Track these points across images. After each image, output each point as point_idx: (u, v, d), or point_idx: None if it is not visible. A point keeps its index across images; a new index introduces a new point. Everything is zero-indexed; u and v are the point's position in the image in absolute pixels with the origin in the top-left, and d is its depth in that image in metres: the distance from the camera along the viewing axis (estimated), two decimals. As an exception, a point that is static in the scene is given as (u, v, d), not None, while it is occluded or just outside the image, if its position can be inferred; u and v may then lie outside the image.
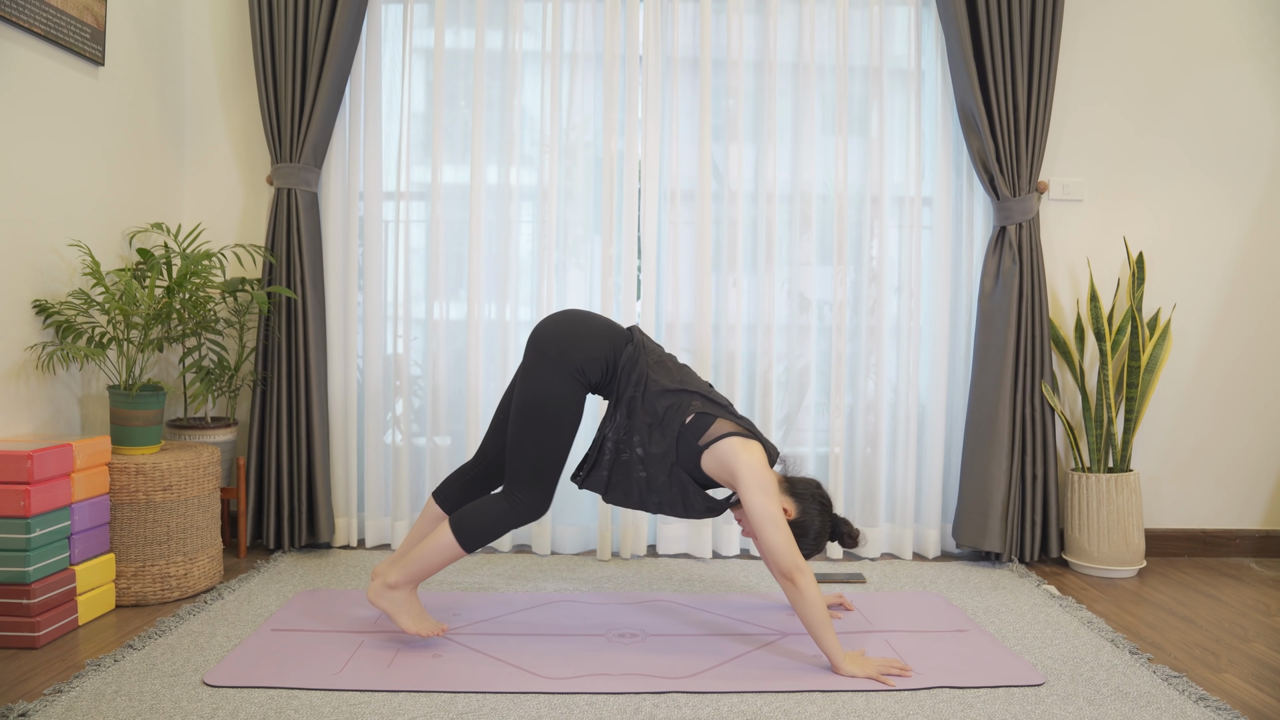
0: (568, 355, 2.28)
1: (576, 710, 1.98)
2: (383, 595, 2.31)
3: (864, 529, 3.29)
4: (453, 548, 2.28)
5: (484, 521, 2.29)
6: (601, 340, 2.32)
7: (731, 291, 3.26)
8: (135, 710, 1.94)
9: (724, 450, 2.23)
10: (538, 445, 2.28)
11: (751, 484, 2.19)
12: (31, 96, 2.61)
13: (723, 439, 2.24)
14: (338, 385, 3.25)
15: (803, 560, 2.18)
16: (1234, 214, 3.40)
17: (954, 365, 3.35)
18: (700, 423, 2.26)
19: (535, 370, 2.29)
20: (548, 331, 2.34)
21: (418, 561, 2.30)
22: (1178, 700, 2.08)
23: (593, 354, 2.30)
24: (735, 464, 2.21)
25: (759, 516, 2.18)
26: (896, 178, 3.32)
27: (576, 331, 2.32)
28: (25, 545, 2.27)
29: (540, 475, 2.29)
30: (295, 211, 3.14)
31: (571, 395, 2.28)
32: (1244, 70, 3.37)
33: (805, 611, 2.16)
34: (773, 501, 2.19)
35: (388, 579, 2.31)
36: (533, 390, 2.28)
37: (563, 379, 2.27)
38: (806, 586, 2.15)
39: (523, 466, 2.29)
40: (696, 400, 2.29)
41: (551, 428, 2.27)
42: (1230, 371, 3.42)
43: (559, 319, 2.37)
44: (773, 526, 2.17)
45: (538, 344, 2.32)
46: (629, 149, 3.23)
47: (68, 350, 2.57)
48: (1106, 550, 3.10)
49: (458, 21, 3.29)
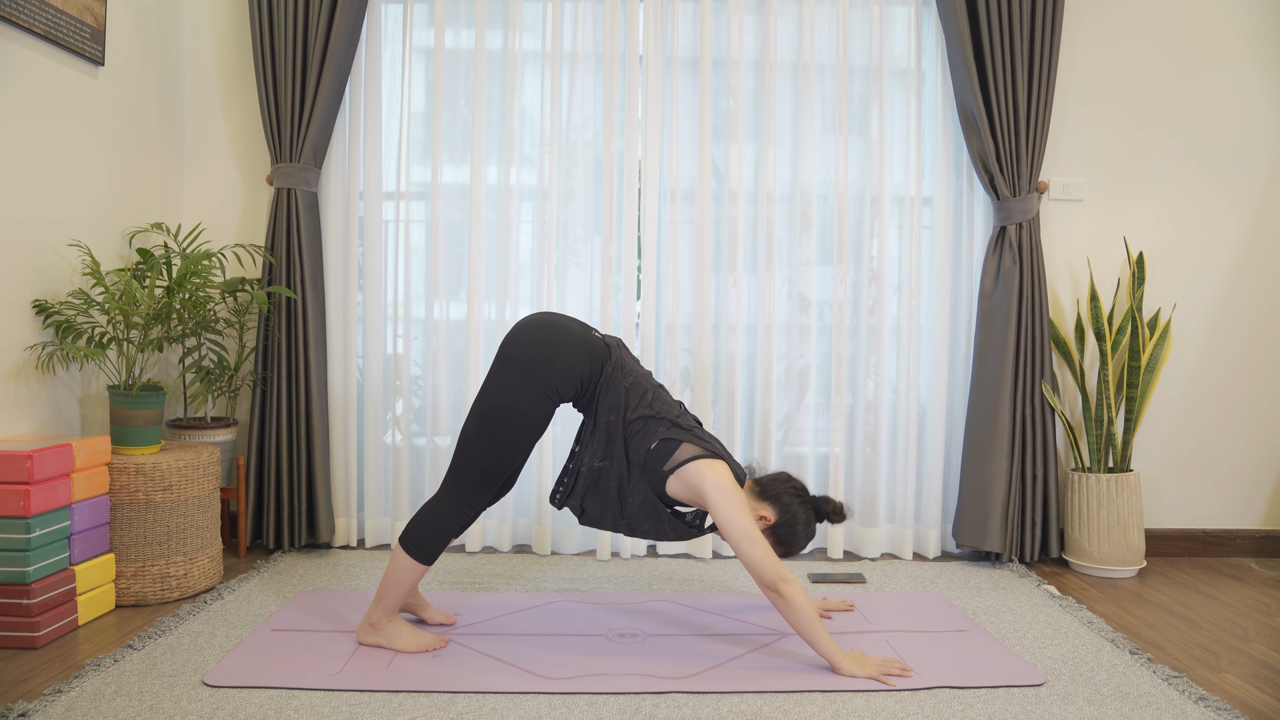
0: (542, 373, 2.23)
1: (576, 710, 1.98)
2: (368, 633, 2.33)
3: (864, 529, 3.29)
4: (412, 566, 2.27)
5: (433, 530, 2.26)
6: (578, 359, 2.26)
7: (731, 291, 3.26)
8: (135, 710, 1.94)
9: (689, 473, 2.21)
10: (493, 452, 2.24)
11: (721, 503, 2.18)
12: (31, 96, 2.61)
13: (687, 463, 2.22)
14: (337, 385, 3.25)
15: (785, 570, 2.17)
16: (1234, 214, 3.40)
17: (954, 365, 3.35)
18: (665, 448, 2.24)
19: (505, 378, 2.24)
20: (524, 340, 2.27)
21: (387, 593, 2.30)
22: (1178, 700, 2.07)
23: (568, 373, 2.25)
24: (702, 485, 2.19)
25: (734, 533, 2.17)
26: (896, 178, 3.32)
27: (553, 348, 2.25)
28: (25, 545, 2.27)
29: (488, 478, 2.26)
30: (295, 211, 3.14)
31: (539, 409, 2.25)
32: (1244, 70, 3.37)
33: (795, 619, 2.17)
34: (745, 517, 2.18)
35: (370, 619, 2.32)
36: (500, 397, 2.23)
37: (534, 393, 2.23)
38: (792, 595, 2.15)
39: (471, 469, 2.25)
40: (663, 425, 2.27)
41: (512, 438, 2.24)
42: (1230, 371, 3.42)
43: (537, 329, 2.29)
44: (749, 542, 2.16)
45: (512, 352, 2.26)
46: (629, 149, 3.23)
47: (68, 350, 2.57)
48: (1106, 550, 3.10)
49: (458, 21, 3.29)
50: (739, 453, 3.28)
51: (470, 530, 3.22)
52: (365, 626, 2.33)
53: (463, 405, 3.29)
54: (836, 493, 3.26)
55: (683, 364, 3.28)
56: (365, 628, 2.33)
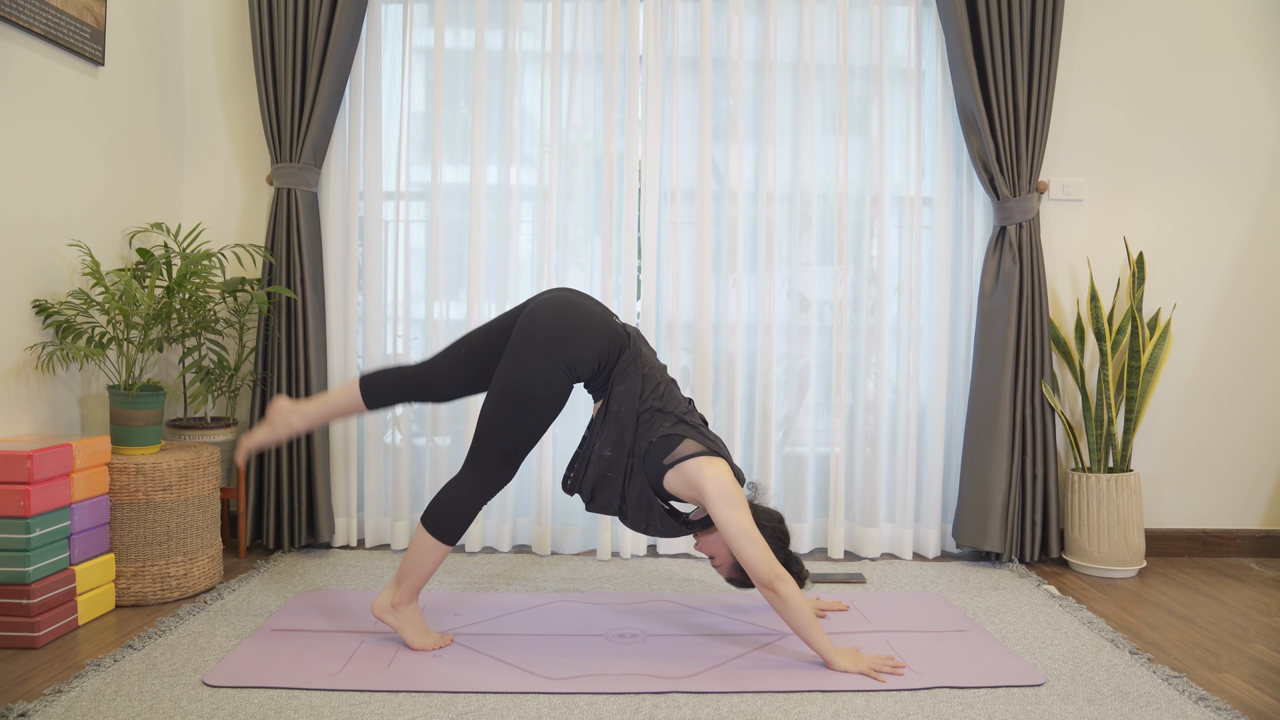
0: (560, 351, 2.24)
1: (576, 710, 1.98)
2: (386, 612, 2.33)
3: (864, 529, 3.29)
4: (436, 547, 2.28)
5: (456, 510, 2.28)
6: (598, 341, 2.27)
7: (731, 291, 3.26)
8: (135, 710, 1.94)
9: (689, 469, 2.21)
10: (514, 431, 2.25)
11: (720, 500, 2.18)
12: (31, 96, 2.61)
13: (688, 459, 2.23)
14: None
15: (781, 568, 2.17)
16: (1234, 214, 3.40)
17: (954, 365, 3.35)
18: (667, 443, 2.25)
19: (523, 356, 2.25)
20: (542, 318, 2.27)
21: (409, 574, 2.30)
22: (1178, 700, 2.07)
23: (586, 354, 2.26)
24: (701, 481, 2.19)
25: (733, 531, 2.17)
26: (896, 178, 3.32)
27: (572, 328, 2.26)
28: (25, 545, 2.27)
29: (510, 457, 2.28)
30: (295, 211, 3.14)
31: (557, 387, 2.26)
32: (1244, 70, 3.37)
33: (791, 616, 2.18)
34: (744, 515, 2.19)
35: (392, 598, 2.32)
36: (519, 375, 2.24)
37: (552, 371, 2.24)
38: (788, 593, 2.16)
39: (493, 448, 2.26)
40: (669, 420, 2.28)
41: (533, 415, 2.25)
42: (1230, 371, 3.42)
43: (557, 307, 2.29)
44: (748, 540, 2.17)
45: (530, 329, 2.26)
46: (629, 149, 3.23)
47: (68, 350, 2.57)
48: (1106, 550, 3.10)
49: (458, 21, 3.29)
50: (739, 452, 3.28)
51: (470, 530, 3.22)
52: (385, 605, 2.33)
53: (462, 405, 3.29)
54: (836, 492, 3.26)
55: (683, 364, 3.28)
56: (385, 606, 2.33)
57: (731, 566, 2.37)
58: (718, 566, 2.39)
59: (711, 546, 2.37)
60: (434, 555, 2.29)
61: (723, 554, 2.36)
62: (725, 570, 2.39)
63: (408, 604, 2.33)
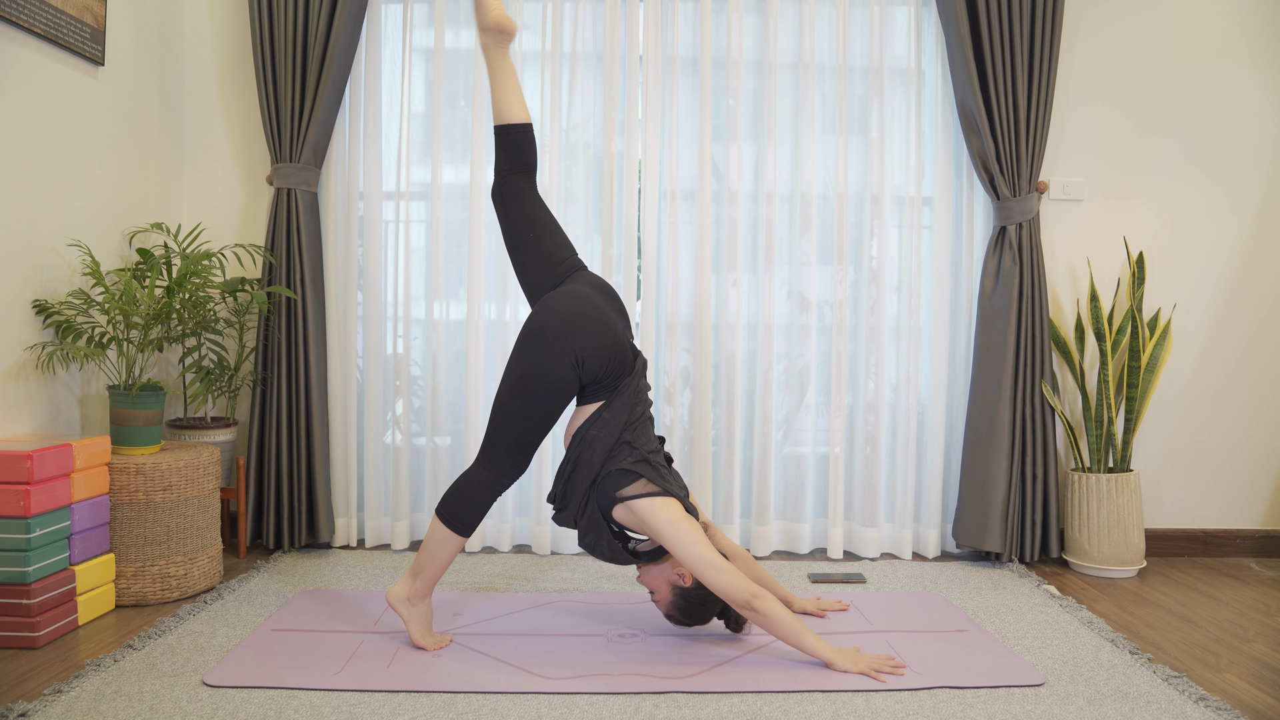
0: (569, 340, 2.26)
1: (576, 710, 1.98)
2: (400, 603, 2.34)
3: (864, 529, 3.29)
4: (450, 537, 2.30)
5: (471, 500, 2.29)
6: (602, 351, 2.29)
7: (731, 291, 3.26)
8: (135, 710, 1.94)
9: (641, 508, 2.23)
10: (526, 421, 2.28)
11: (677, 539, 2.19)
12: (31, 96, 2.61)
13: (637, 499, 2.24)
14: (337, 385, 3.25)
15: (755, 587, 2.18)
16: (1234, 214, 3.40)
17: (954, 365, 3.35)
18: (624, 477, 2.26)
19: (534, 344, 2.27)
20: (554, 314, 2.29)
21: (425, 566, 2.32)
22: (1178, 700, 2.07)
23: (592, 355, 2.28)
24: (655, 521, 2.21)
25: (697, 566, 2.18)
26: (896, 178, 3.32)
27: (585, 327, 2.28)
28: (25, 545, 2.27)
29: (523, 447, 2.30)
30: (295, 211, 3.14)
31: (567, 377, 2.28)
32: (1244, 71, 3.37)
33: (777, 630, 2.19)
34: (705, 548, 2.19)
35: (409, 589, 2.33)
36: (531, 364, 2.26)
37: (561, 360, 2.26)
38: (768, 609, 2.17)
39: (507, 438, 2.28)
40: (632, 456, 2.29)
41: (544, 405, 2.27)
42: (1230, 371, 3.42)
43: (575, 305, 2.30)
44: (714, 571, 2.18)
45: (544, 319, 2.28)
46: (629, 149, 3.23)
47: (67, 350, 2.57)
48: (1106, 550, 3.10)
49: (458, 21, 3.29)
50: (739, 452, 3.28)
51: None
52: (401, 596, 2.34)
53: (462, 405, 3.29)
54: (836, 492, 3.26)
55: (683, 364, 3.28)
56: (400, 597, 2.34)
57: (670, 604, 2.36)
58: (657, 602, 2.38)
59: (653, 581, 2.37)
60: (448, 546, 2.30)
61: (662, 590, 2.36)
62: (664, 607, 2.38)
63: (423, 599, 2.35)
